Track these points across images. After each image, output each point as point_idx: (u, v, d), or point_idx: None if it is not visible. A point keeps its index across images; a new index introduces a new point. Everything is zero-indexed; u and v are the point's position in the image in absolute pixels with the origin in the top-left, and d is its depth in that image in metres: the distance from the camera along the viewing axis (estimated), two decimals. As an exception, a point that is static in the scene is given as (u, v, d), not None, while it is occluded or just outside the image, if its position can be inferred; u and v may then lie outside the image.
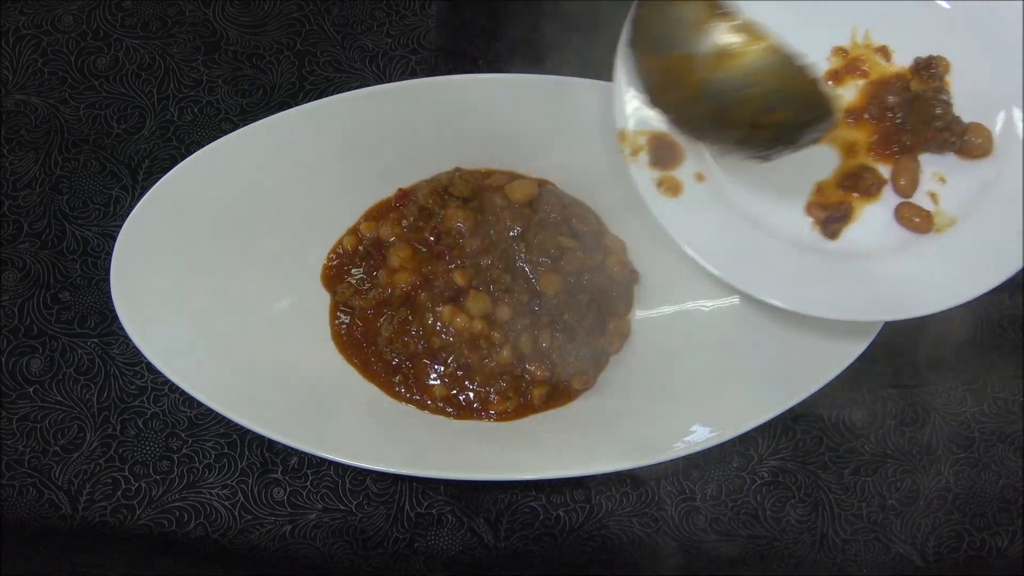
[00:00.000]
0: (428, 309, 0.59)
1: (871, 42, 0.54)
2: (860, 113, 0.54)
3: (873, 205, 0.53)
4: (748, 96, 0.43)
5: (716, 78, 0.43)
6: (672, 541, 0.60)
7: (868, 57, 0.54)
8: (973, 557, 0.60)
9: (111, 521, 0.59)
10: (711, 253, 0.52)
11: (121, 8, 0.68)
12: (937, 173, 0.53)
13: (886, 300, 0.51)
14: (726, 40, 0.42)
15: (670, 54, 0.43)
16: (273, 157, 0.61)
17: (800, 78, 0.43)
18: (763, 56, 0.42)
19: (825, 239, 0.53)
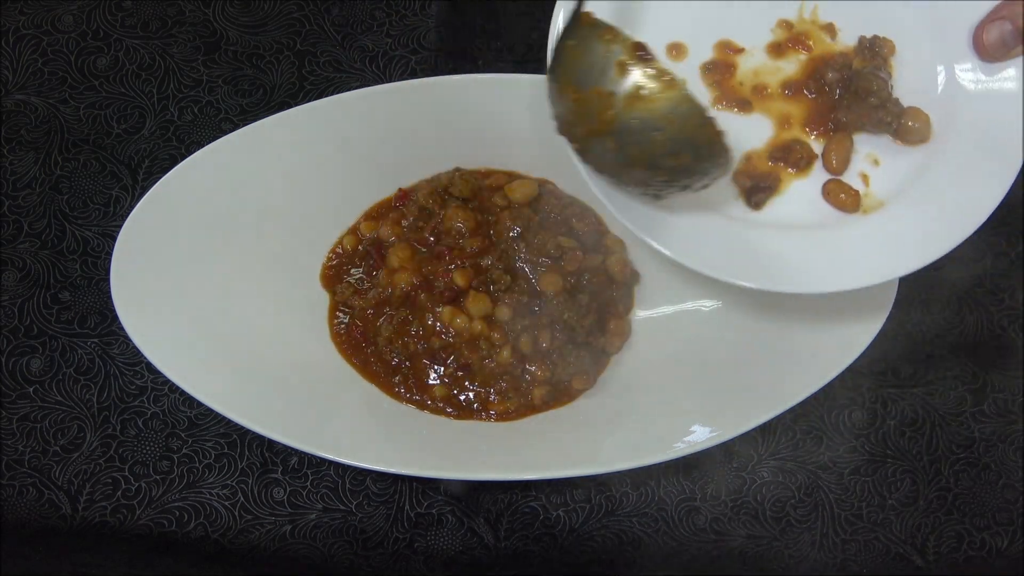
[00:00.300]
0: (428, 310, 0.59)
1: (817, 19, 0.54)
2: (799, 87, 0.53)
3: (801, 180, 0.52)
4: (654, 139, 0.45)
5: (627, 118, 0.45)
6: (672, 541, 0.60)
7: (813, 33, 0.54)
8: (973, 557, 0.60)
9: (111, 521, 0.59)
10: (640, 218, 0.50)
11: (121, 8, 0.68)
12: (872, 154, 0.52)
13: (803, 273, 0.50)
14: (644, 84, 0.45)
15: (589, 89, 0.45)
16: (273, 157, 0.61)
17: (705, 128, 0.45)
18: (674, 103, 0.45)
19: (749, 209, 0.52)
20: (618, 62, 0.45)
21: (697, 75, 0.53)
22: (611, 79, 0.45)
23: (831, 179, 0.53)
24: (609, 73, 0.45)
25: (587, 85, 0.45)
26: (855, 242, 0.51)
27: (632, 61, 0.45)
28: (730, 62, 0.53)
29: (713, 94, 0.53)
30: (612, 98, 0.45)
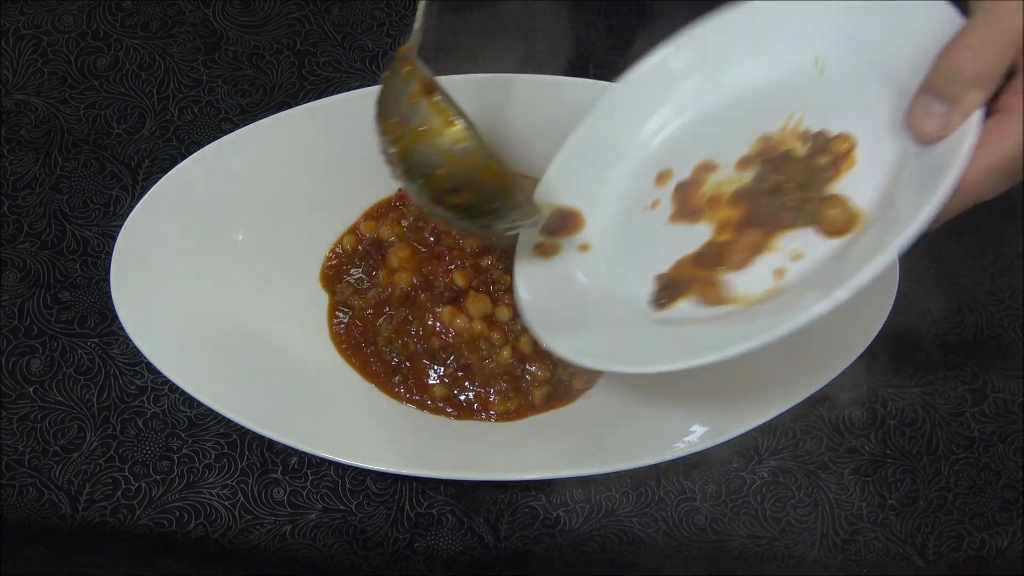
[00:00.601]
0: (428, 310, 0.59)
1: (799, 128, 0.51)
2: (746, 192, 0.51)
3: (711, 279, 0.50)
4: (436, 174, 0.47)
5: (413, 150, 0.47)
6: (672, 541, 0.60)
7: (787, 142, 0.51)
8: (973, 557, 0.60)
9: (111, 521, 0.59)
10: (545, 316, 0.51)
11: (121, 8, 0.68)
12: (796, 250, 0.47)
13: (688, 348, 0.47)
14: (428, 119, 0.46)
15: (390, 118, 0.48)
16: (273, 157, 0.61)
17: (487, 168, 0.47)
18: (453, 141, 0.46)
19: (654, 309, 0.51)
20: (411, 93, 0.47)
21: (670, 195, 0.54)
22: (404, 110, 0.47)
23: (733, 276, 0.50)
24: (403, 104, 0.47)
25: (389, 114, 0.48)
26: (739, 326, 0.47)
27: (420, 96, 0.47)
28: (701, 179, 0.53)
29: (674, 209, 0.53)
30: (403, 129, 0.47)
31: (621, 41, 0.69)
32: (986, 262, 0.66)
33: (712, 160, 0.54)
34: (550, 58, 0.68)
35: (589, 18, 0.70)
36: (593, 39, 0.69)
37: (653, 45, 0.61)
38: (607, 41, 0.69)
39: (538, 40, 0.68)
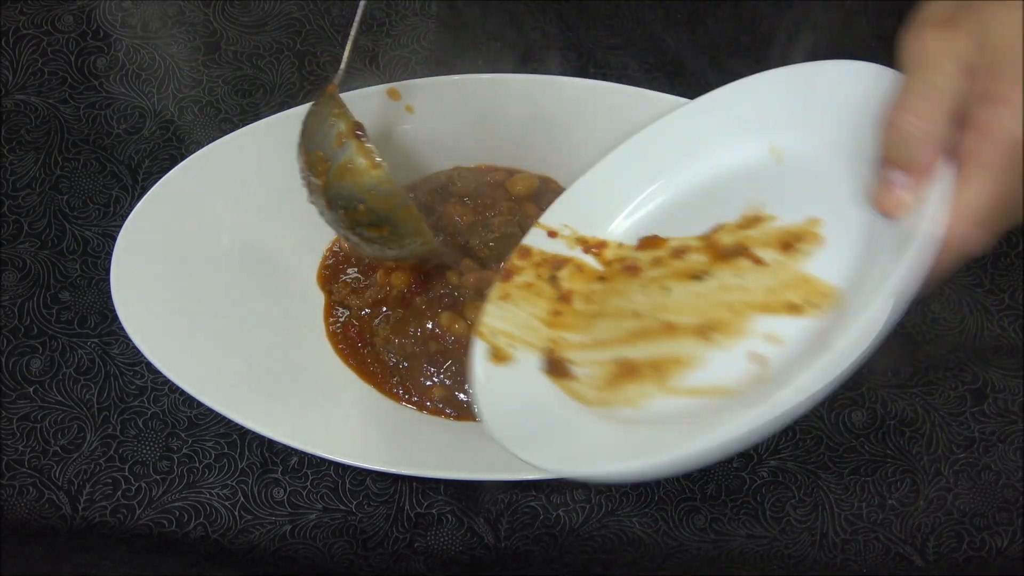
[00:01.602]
0: (424, 314, 0.59)
1: (758, 212, 0.52)
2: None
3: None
4: (358, 208, 0.52)
5: (337, 185, 0.52)
6: (672, 541, 0.60)
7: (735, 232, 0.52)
8: (973, 557, 0.60)
9: (111, 521, 0.59)
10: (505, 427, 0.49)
11: (121, 8, 0.68)
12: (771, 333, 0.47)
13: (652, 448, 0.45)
14: (353, 159, 0.52)
15: (314, 151, 0.52)
16: (273, 157, 0.61)
17: (405, 210, 0.52)
18: (377, 182, 0.52)
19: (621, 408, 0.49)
20: (338, 133, 0.52)
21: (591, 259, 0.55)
22: (330, 147, 0.52)
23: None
24: (329, 141, 0.52)
25: (312, 148, 0.53)
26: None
27: (348, 137, 0.52)
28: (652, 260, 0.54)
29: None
30: (327, 164, 0.52)
31: (621, 41, 0.69)
32: (986, 262, 0.66)
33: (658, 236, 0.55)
34: (550, 58, 0.68)
35: (589, 18, 0.70)
36: (593, 39, 0.69)
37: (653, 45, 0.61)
38: (607, 41, 0.69)
39: (537, 40, 0.68)
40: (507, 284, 0.56)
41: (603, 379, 0.50)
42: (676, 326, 0.50)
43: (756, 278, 0.49)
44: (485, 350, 0.53)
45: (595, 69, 0.68)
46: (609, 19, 0.70)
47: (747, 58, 0.65)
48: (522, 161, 0.64)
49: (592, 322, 0.54)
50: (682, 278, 0.53)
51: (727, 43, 0.57)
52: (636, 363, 0.50)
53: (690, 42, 0.69)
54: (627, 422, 0.47)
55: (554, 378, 0.51)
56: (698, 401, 0.46)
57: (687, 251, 0.54)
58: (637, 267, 0.55)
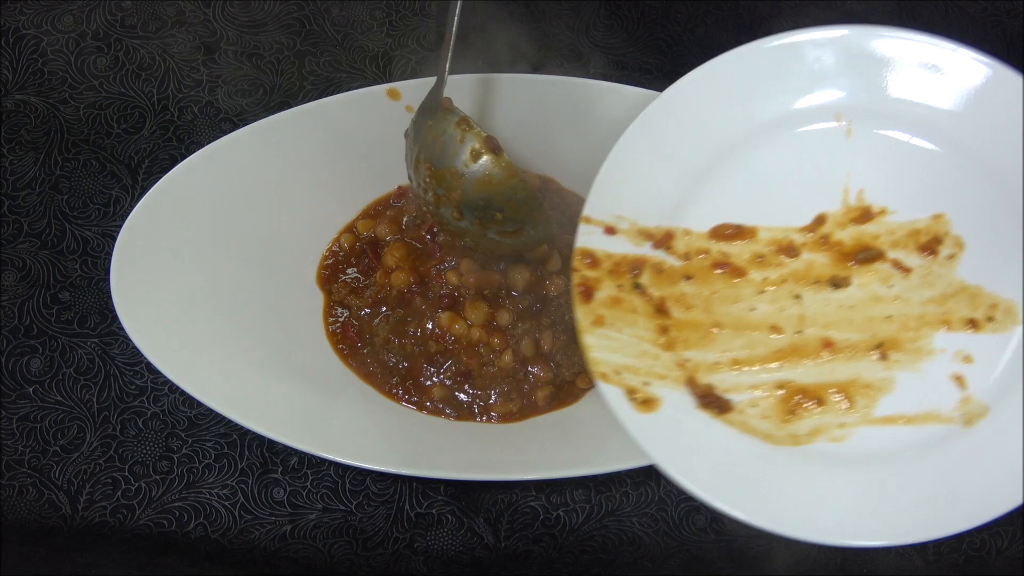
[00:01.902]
0: (424, 314, 0.59)
1: (862, 202, 0.49)
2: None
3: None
4: (495, 217, 0.53)
5: (474, 197, 0.53)
6: (672, 541, 0.60)
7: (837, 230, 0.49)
8: (973, 557, 0.60)
9: (111, 521, 0.59)
10: (694, 473, 0.45)
11: (121, 8, 0.68)
12: (962, 352, 0.45)
13: (909, 518, 0.43)
14: (491, 171, 0.52)
15: (443, 167, 0.53)
16: (273, 157, 0.61)
17: (539, 212, 0.53)
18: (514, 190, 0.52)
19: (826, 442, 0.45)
20: (473, 150, 0.52)
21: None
22: (464, 163, 0.52)
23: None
24: (463, 157, 0.52)
25: (441, 164, 0.53)
26: (966, 465, 0.43)
27: (485, 152, 0.52)
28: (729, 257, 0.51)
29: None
30: (462, 179, 0.52)
31: (621, 41, 0.69)
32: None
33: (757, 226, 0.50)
34: (550, 58, 0.68)
35: (589, 18, 0.70)
36: (593, 39, 0.69)
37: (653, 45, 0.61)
38: (607, 41, 0.69)
39: (538, 40, 0.68)
40: (591, 304, 0.49)
41: (773, 409, 0.47)
42: (838, 344, 0.47)
43: (909, 288, 0.47)
44: (621, 398, 0.47)
45: (595, 69, 0.68)
46: (609, 19, 0.70)
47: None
48: (522, 161, 0.64)
49: (712, 336, 0.49)
50: (814, 285, 0.49)
51: (727, 43, 0.56)
52: (810, 388, 0.47)
53: (690, 42, 0.69)
54: (837, 462, 0.44)
55: (716, 415, 0.47)
56: (908, 430, 0.44)
57: (798, 249, 0.50)
58: (734, 266, 0.50)
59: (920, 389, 0.45)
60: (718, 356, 0.49)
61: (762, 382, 0.47)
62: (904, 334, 0.46)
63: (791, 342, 0.48)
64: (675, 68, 0.65)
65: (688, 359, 0.49)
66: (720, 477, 0.45)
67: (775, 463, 0.45)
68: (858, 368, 0.46)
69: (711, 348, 0.49)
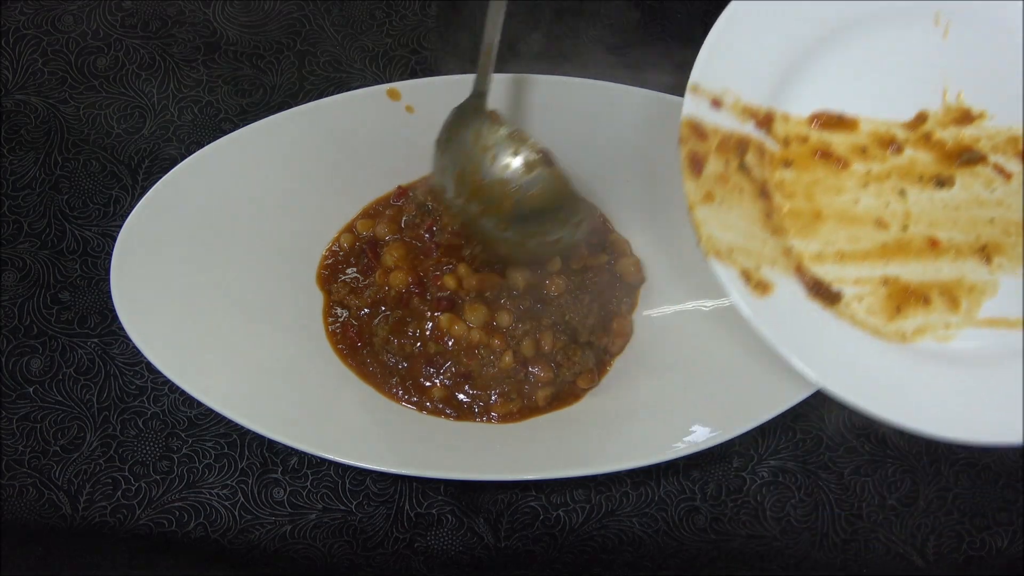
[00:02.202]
0: (423, 315, 0.59)
1: (962, 104, 0.49)
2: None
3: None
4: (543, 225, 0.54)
5: (527, 208, 0.53)
6: (672, 541, 0.60)
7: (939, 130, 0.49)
8: (973, 557, 0.60)
9: (111, 521, 0.59)
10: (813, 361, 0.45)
11: (121, 8, 0.68)
12: None
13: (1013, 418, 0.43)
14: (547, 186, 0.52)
15: (491, 178, 0.53)
16: (273, 157, 0.61)
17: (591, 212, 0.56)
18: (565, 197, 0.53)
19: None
20: (528, 162, 0.52)
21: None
22: (517, 174, 0.52)
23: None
24: (516, 168, 0.52)
25: (491, 176, 0.52)
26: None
27: (539, 165, 0.52)
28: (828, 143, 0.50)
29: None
30: (516, 191, 0.53)
31: (621, 41, 0.69)
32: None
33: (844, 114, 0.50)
34: (550, 58, 0.68)
35: (589, 18, 0.70)
36: (593, 39, 0.69)
37: (653, 45, 0.61)
38: (607, 41, 0.69)
39: (537, 40, 0.68)
40: (700, 179, 0.48)
41: (879, 305, 0.47)
42: (943, 243, 0.48)
43: (1011, 193, 0.47)
44: (737, 279, 0.46)
45: (595, 69, 0.68)
46: (609, 19, 0.70)
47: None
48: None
49: (815, 226, 0.49)
50: (918, 182, 0.49)
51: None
52: (915, 287, 0.47)
53: (690, 42, 0.69)
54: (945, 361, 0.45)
55: (826, 305, 0.47)
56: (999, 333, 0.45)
57: (901, 145, 0.50)
58: (836, 155, 0.50)
59: (1016, 294, 0.46)
60: (822, 247, 0.49)
61: (867, 277, 0.48)
62: (1007, 239, 0.48)
63: (896, 239, 0.49)
64: (674, 68, 0.65)
65: (792, 247, 0.48)
66: (836, 367, 0.45)
67: (886, 357, 0.46)
68: (963, 269, 0.47)
69: (815, 238, 0.49)
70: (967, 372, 0.45)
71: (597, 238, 0.63)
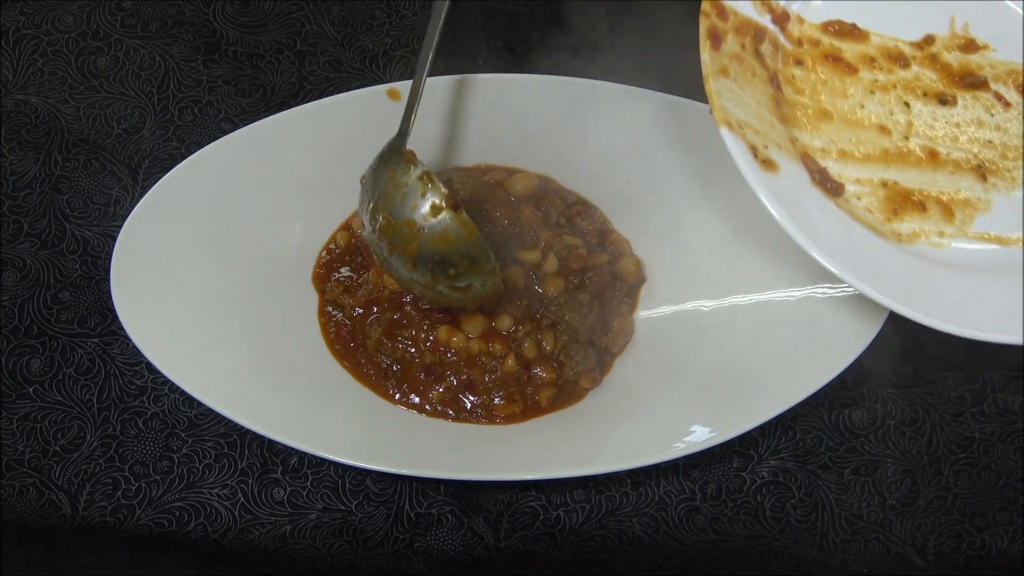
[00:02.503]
0: (415, 321, 0.59)
1: (968, 34, 0.52)
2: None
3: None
4: (447, 272, 0.54)
5: (430, 251, 0.53)
6: (672, 541, 0.60)
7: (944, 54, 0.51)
8: (973, 557, 0.60)
9: (111, 521, 0.59)
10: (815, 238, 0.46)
11: (121, 8, 0.68)
12: None
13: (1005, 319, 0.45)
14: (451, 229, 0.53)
15: (403, 219, 0.53)
16: (273, 157, 0.61)
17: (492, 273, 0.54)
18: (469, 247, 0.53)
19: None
20: (434, 205, 0.53)
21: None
22: (423, 216, 0.53)
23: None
24: (422, 211, 0.53)
25: (400, 216, 0.53)
26: None
27: (447, 209, 0.52)
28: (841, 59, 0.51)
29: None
30: (420, 233, 0.53)
31: (621, 41, 0.69)
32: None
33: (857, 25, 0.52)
34: (550, 58, 0.68)
35: (589, 18, 0.70)
36: (592, 39, 0.69)
37: (652, 46, 0.61)
38: (606, 41, 0.69)
39: (537, 40, 0.68)
40: (718, 53, 0.50)
41: (878, 205, 0.49)
42: (942, 157, 0.50)
43: (1009, 120, 0.50)
44: (745, 151, 0.47)
45: (595, 69, 0.68)
46: (609, 19, 0.70)
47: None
48: (522, 161, 0.64)
49: (821, 123, 0.51)
50: (922, 97, 0.52)
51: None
52: (913, 193, 0.49)
53: (690, 42, 0.69)
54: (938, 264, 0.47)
55: (828, 194, 0.49)
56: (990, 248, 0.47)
57: (907, 60, 0.52)
58: (846, 62, 0.52)
59: (1014, 214, 0.48)
60: (825, 144, 0.51)
61: (867, 179, 0.50)
62: (1003, 162, 0.50)
63: (898, 146, 0.51)
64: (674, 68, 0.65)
65: (797, 138, 0.50)
66: (835, 249, 0.46)
67: (883, 250, 0.47)
68: (959, 184, 0.49)
69: (819, 135, 0.51)
70: (963, 276, 0.47)
71: (597, 238, 0.63)
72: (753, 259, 0.61)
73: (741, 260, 0.61)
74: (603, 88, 0.61)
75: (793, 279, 0.59)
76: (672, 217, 0.63)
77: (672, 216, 0.63)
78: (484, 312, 0.59)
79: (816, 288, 0.58)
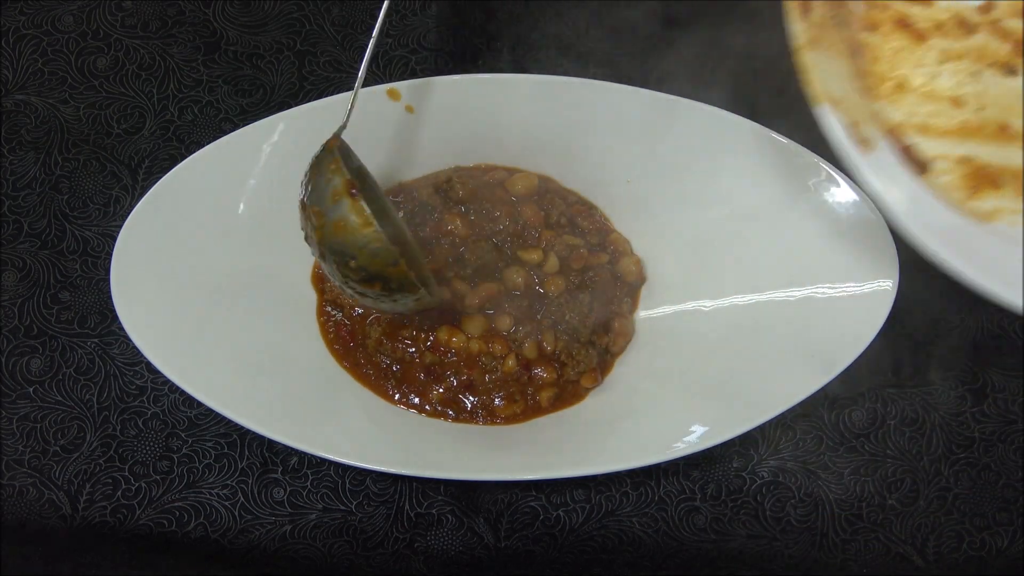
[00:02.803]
0: (415, 321, 0.59)
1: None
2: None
3: None
4: (348, 264, 0.52)
5: (332, 239, 0.52)
6: (672, 541, 0.60)
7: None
8: (973, 557, 0.60)
9: (111, 521, 0.59)
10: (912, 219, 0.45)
11: (121, 8, 0.68)
12: None
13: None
14: (347, 216, 0.51)
15: (312, 205, 0.52)
16: (273, 157, 0.61)
17: (396, 269, 0.52)
18: (368, 240, 0.51)
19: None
20: (334, 190, 0.52)
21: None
22: (326, 203, 0.52)
23: None
24: (326, 197, 0.52)
25: (312, 202, 0.52)
26: None
27: (343, 195, 0.51)
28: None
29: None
30: (323, 219, 0.52)
31: (621, 41, 0.69)
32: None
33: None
34: (550, 58, 0.68)
35: (589, 18, 0.70)
36: (593, 39, 0.69)
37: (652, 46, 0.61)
38: (607, 41, 0.69)
39: (537, 40, 0.68)
40: (809, 21, 0.47)
41: (958, 182, 0.48)
42: (1010, 130, 0.48)
43: None
44: (843, 131, 0.45)
45: (595, 69, 0.68)
46: (609, 19, 0.70)
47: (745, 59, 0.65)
48: (522, 160, 0.64)
49: (899, 95, 0.50)
50: (989, 66, 0.50)
51: (726, 41, 0.57)
52: (991, 168, 0.48)
53: (689, 42, 0.69)
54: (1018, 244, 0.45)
55: (917, 172, 0.47)
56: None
57: (974, 27, 0.50)
58: (916, 29, 0.50)
59: None
60: (904, 117, 0.49)
61: (946, 154, 0.48)
62: None
63: (972, 121, 0.49)
64: (674, 68, 0.65)
65: (878, 112, 0.49)
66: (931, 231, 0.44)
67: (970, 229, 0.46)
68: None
69: (899, 107, 0.49)
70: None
71: (598, 238, 0.63)
72: (753, 259, 0.61)
73: (741, 260, 0.61)
74: (603, 88, 0.61)
75: (793, 279, 0.59)
76: (672, 217, 0.63)
77: (672, 216, 0.63)
78: (484, 312, 0.59)
79: (816, 288, 0.58)
